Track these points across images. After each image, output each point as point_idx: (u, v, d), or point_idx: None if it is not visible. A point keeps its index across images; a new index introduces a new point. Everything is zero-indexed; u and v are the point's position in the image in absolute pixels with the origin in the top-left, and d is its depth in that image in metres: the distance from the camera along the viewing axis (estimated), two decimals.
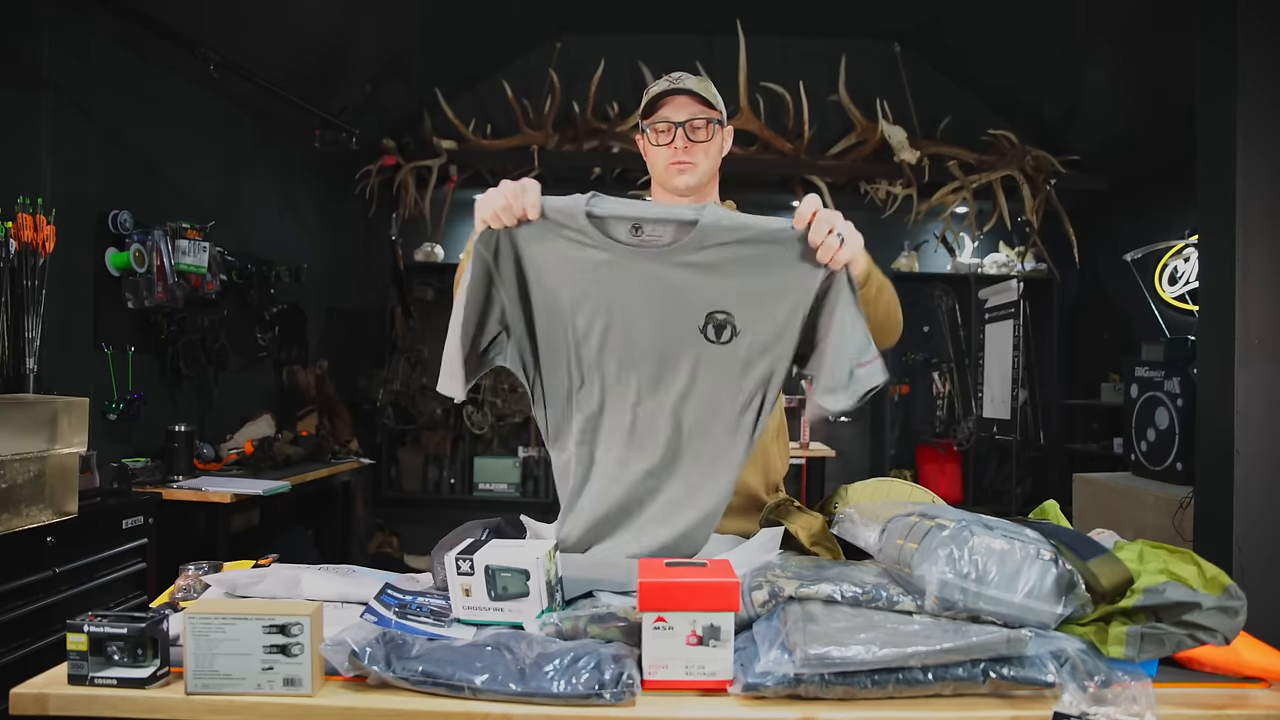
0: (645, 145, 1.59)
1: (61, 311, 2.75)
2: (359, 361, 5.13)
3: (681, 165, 1.53)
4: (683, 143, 1.52)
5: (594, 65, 4.71)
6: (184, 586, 1.29)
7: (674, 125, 1.51)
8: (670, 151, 1.53)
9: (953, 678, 0.97)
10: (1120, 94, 4.40)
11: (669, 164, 1.54)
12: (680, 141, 1.51)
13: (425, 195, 4.91)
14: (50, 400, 2.34)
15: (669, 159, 1.53)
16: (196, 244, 3.26)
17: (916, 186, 4.82)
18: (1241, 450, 2.55)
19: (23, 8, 2.67)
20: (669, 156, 1.53)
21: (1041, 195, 4.76)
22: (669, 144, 1.52)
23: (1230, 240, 2.61)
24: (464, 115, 4.89)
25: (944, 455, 5.30)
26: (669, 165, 1.54)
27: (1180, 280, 4.18)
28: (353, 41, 4.16)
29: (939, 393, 5.35)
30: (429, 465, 5.25)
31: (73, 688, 1.00)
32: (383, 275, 5.11)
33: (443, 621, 1.13)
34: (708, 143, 1.53)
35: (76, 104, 2.90)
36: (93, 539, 2.45)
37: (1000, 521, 1.06)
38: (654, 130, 1.54)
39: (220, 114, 3.79)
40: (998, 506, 5.01)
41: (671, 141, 1.52)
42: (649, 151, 1.58)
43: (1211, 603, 0.97)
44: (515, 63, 5.10)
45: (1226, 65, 2.64)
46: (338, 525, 4.24)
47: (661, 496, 1.25)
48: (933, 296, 5.39)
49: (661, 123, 1.52)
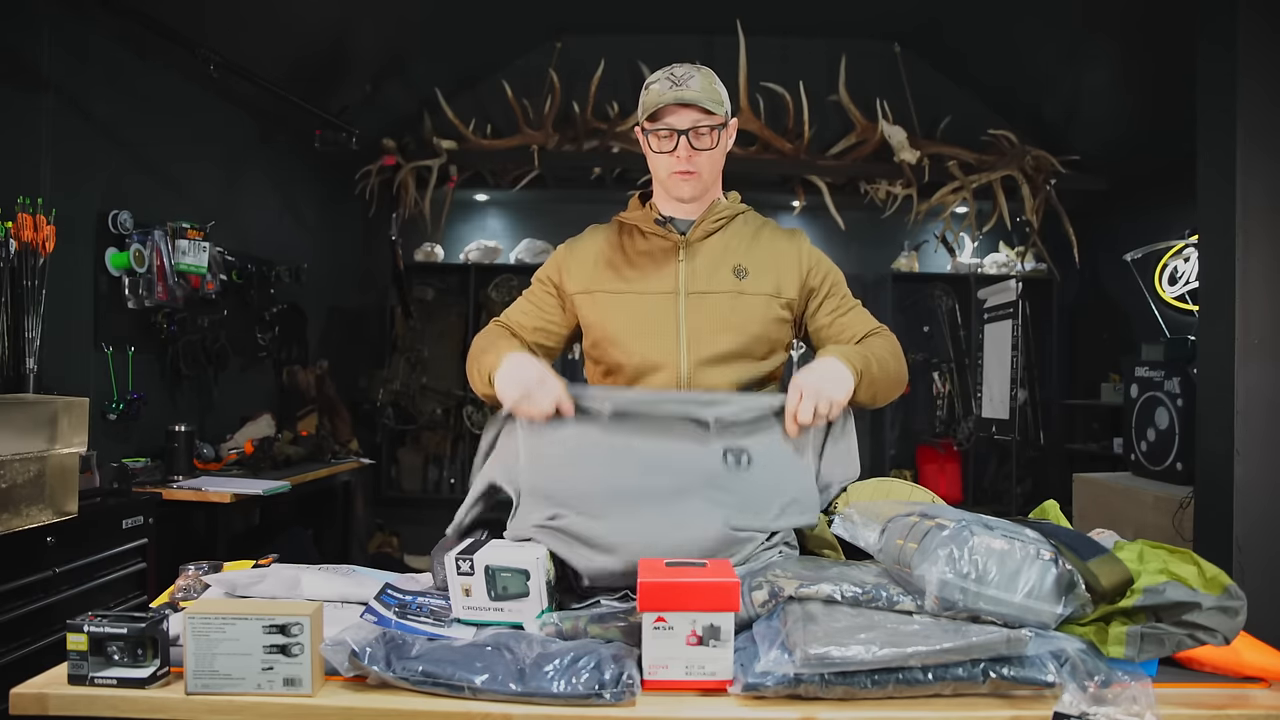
0: (645, 146, 1.56)
1: (61, 311, 2.75)
2: (359, 361, 5.13)
3: (685, 175, 1.51)
4: (686, 151, 1.49)
5: (594, 65, 4.71)
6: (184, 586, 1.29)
7: (677, 133, 1.48)
8: (673, 160, 1.50)
9: (953, 678, 0.97)
10: (1120, 94, 4.40)
11: (672, 173, 1.52)
12: (684, 150, 1.49)
13: (425, 195, 4.90)
14: (50, 400, 2.34)
15: (672, 168, 1.51)
16: (196, 244, 3.26)
17: (916, 186, 4.81)
18: (1241, 450, 2.55)
19: (23, 8, 2.67)
20: (672, 165, 1.51)
21: (1041, 195, 4.75)
22: (672, 151, 1.50)
23: (1230, 240, 2.61)
24: (464, 115, 4.89)
25: (944, 455, 5.30)
26: (672, 174, 1.52)
27: (1180, 280, 4.18)
28: (353, 41, 4.16)
29: (939, 393, 5.34)
30: (429, 465, 5.25)
31: (73, 688, 1.00)
32: (383, 275, 5.10)
33: (443, 621, 1.14)
34: (711, 150, 1.51)
35: (76, 104, 2.90)
36: (93, 539, 2.45)
37: (1000, 521, 1.06)
38: (656, 136, 1.51)
39: (220, 114, 3.79)
40: (998, 506, 5.01)
41: (674, 149, 1.49)
42: (651, 155, 1.55)
43: (1211, 603, 0.97)
44: (515, 63, 5.10)
45: (1227, 64, 2.64)
46: (338, 525, 4.24)
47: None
48: (932, 296, 5.38)
49: (664, 129, 1.49)
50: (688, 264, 1.53)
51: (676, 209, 1.58)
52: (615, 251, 1.58)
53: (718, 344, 1.49)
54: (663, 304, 1.51)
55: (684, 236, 1.55)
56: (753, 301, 1.52)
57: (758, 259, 1.55)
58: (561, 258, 1.62)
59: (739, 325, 1.50)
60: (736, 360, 1.50)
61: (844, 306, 1.60)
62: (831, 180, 4.87)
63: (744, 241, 1.57)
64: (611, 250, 1.58)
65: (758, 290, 1.52)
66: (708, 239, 1.56)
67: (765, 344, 1.54)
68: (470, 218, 5.50)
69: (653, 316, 1.50)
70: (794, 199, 5.08)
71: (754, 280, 1.53)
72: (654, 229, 1.56)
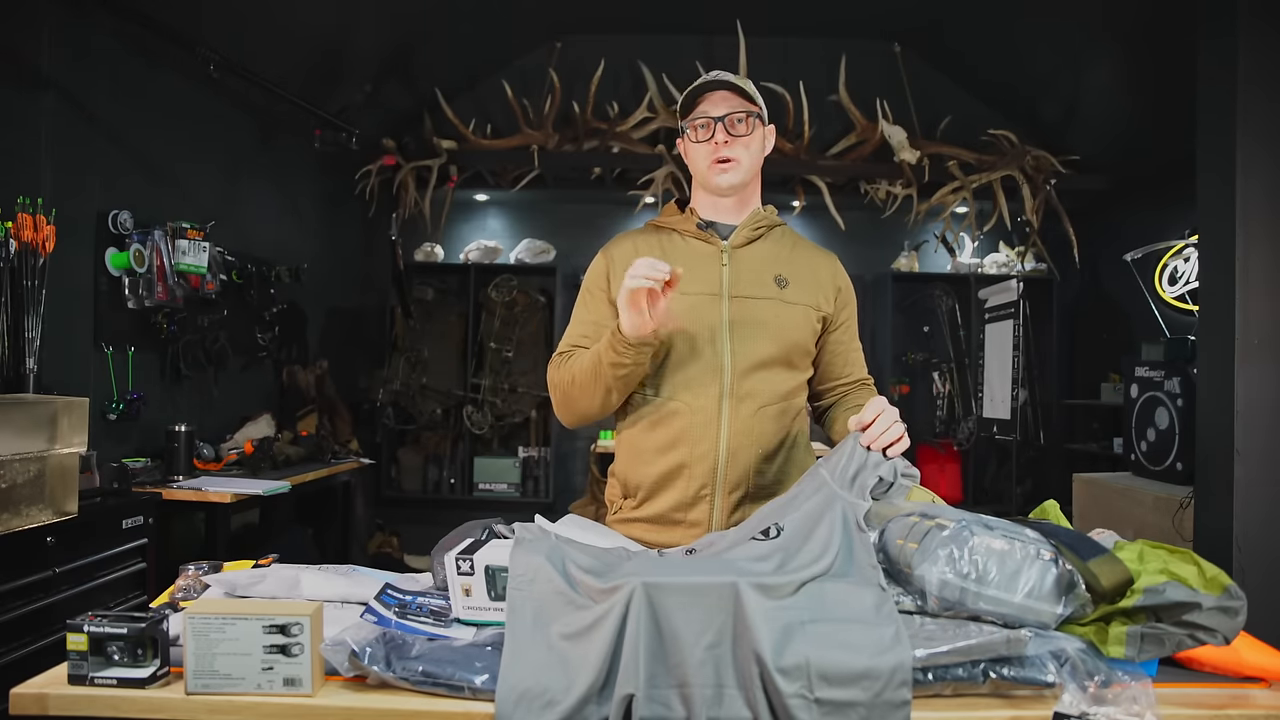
0: (685, 146, 1.57)
1: (61, 311, 2.74)
2: (359, 361, 5.13)
3: (723, 163, 1.51)
4: (723, 137, 1.50)
5: (594, 65, 4.71)
6: (184, 586, 1.29)
7: (713, 120, 1.49)
8: (711, 148, 1.51)
9: (953, 678, 0.97)
10: (1120, 94, 4.40)
11: (710, 162, 1.52)
12: (721, 135, 1.50)
13: (425, 195, 4.90)
14: (50, 400, 2.34)
15: (710, 156, 1.52)
16: (196, 244, 3.26)
17: (916, 186, 4.81)
18: (1241, 450, 2.55)
19: (23, 8, 2.67)
20: (710, 154, 1.52)
21: (1041, 195, 4.75)
22: (709, 139, 1.51)
23: (1230, 240, 2.60)
24: (464, 115, 4.89)
25: (944, 455, 5.30)
26: (710, 164, 1.52)
27: (1180, 280, 4.18)
28: (353, 41, 4.16)
29: (939, 393, 5.34)
30: (429, 465, 5.25)
31: (73, 688, 1.00)
32: (383, 275, 5.10)
33: (443, 621, 1.13)
34: (748, 137, 1.52)
35: (76, 104, 2.90)
36: (93, 539, 2.45)
37: (1000, 521, 1.06)
38: (693, 127, 1.52)
39: (220, 114, 3.79)
40: (998, 506, 5.01)
41: (711, 137, 1.50)
42: (690, 151, 1.56)
43: (1211, 603, 0.97)
44: (515, 63, 5.10)
45: (1227, 65, 2.63)
46: (338, 525, 4.24)
47: None
48: (933, 296, 5.38)
49: (701, 118, 1.51)
50: (731, 268, 1.54)
51: (717, 212, 1.59)
52: (654, 253, 1.56)
53: (760, 350, 1.49)
54: (706, 305, 1.51)
55: (726, 241, 1.56)
56: (793, 310, 1.53)
57: (798, 271, 1.57)
58: (603, 262, 1.59)
59: (780, 332, 1.51)
60: (776, 366, 1.51)
61: (853, 343, 1.65)
62: (831, 180, 4.87)
63: (784, 252, 1.59)
64: (650, 251, 1.57)
65: (798, 300, 1.54)
66: (749, 245, 1.57)
67: (802, 353, 1.55)
68: (470, 218, 5.51)
69: (696, 316, 1.50)
70: (794, 199, 5.08)
71: (794, 290, 1.54)
72: (695, 232, 1.57)
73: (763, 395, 1.49)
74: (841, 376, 1.63)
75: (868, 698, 0.92)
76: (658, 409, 1.51)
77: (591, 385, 1.45)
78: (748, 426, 1.48)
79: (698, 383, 1.48)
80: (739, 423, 1.48)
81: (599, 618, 0.99)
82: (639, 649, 0.95)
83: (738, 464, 1.48)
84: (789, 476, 1.52)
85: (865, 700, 0.92)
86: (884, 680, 0.92)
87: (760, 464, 1.49)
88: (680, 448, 1.48)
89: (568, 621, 1.01)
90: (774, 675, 0.92)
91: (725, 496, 1.48)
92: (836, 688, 0.92)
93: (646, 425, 1.52)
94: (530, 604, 1.05)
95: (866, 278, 5.34)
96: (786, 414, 1.53)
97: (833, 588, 1.05)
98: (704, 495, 1.49)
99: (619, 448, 1.60)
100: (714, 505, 1.49)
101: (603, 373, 1.43)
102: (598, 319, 1.56)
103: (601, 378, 1.43)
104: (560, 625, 1.01)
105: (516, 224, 5.50)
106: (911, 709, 0.93)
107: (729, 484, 1.48)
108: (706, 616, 0.98)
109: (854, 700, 0.92)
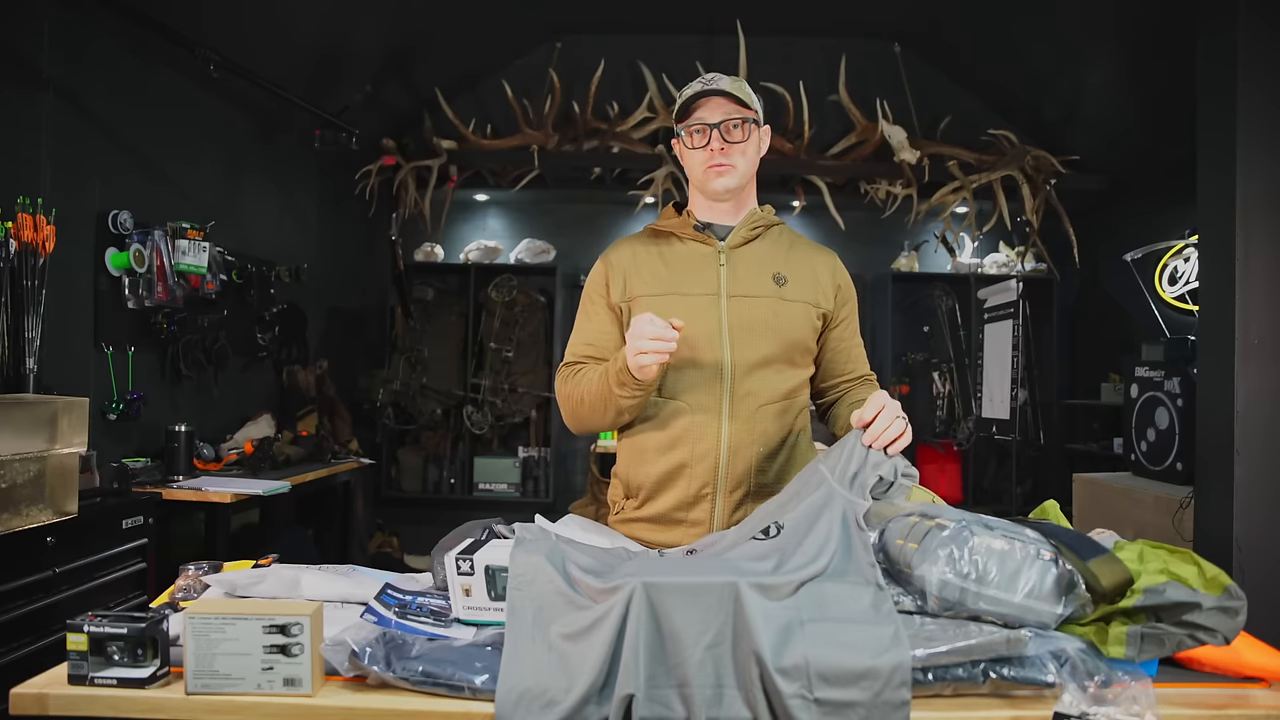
0: (682, 150, 1.58)
1: (61, 311, 2.75)
2: (359, 361, 5.13)
3: (719, 168, 1.52)
4: (719, 143, 1.51)
5: (594, 65, 4.71)
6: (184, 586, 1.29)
7: (709, 127, 1.50)
8: (707, 154, 1.52)
9: (953, 678, 0.97)
10: (1120, 94, 4.40)
11: (706, 167, 1.53)
12: (716, 143, 1.51)
13: (425, 195, 4.90)
14: (50, 400, 2.34)
15: (706, 162, 1.53)
16: (196, 244, 3.26)
17: (916, 186, 4.81)
18: (1241, 450, 2.55)
19: (22, 8, 2.67)
20: (706, 160, 1.53)
21: (1041, 195, 4.75)
22: (705, 146, 1.52)
23: (1230, 240, 2.61)
24: (464, 115, 4.89)
25: (944, 455, 5.30)
26: (706, 169, 1.53)
27: (1180, 280, 4.18)
28: (353, 41, 4.16)
29: (939, 393, 5.34)
30: (429, 465, 5.25)
31: (73, 688, 1.00)
32: (383, 275, 5.10)
33: (443, 621, 1.13)
34: (744, 143, 1.52)
35: (76, 104, 2.90)
36: (93, 539, 2.45)
37: (1000, 521, 1.06)
38: (689, 133, 1.54)
39: (220, 114, 3.79)
40: (998, 506, 5.01)
41: (708, 143, 1.51)
42: (686, 156, 1.57)
43: (1212, 603, 0.97)
44: (515, 63, 5.10)
45: (1227, 64, 2.64)
46: (338, 525, 4.24)
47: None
48: (932, 296, 5.38)
49: (697, 124, 1.52)
50: (729, 268, 1.54)
51: (713, 214, 1.59)
52: (653, 257, 1.58)
53: (760, 347, 1.50)
54: (705, 305, 1.52)
55: (723, 242, 1.57)
56: (793, 308, 1.54)
57: (796, 269, 1.57)
58: (602, 268, 1.61)
59: (780, 330, 1.52)
60: (777, 364, 1.52)
61: (854, 339, 1.65)
62: (831, 180, 4.87)
63: (782, 250, 1.60)
64: (648, 255, 1.58)
65: (797, 298, 1.55)
66: (747, 245, 1.58)
67: (803, 351, 1.56)
68: (470, 218, 5.50)
69: (695, 317, 1.50)
70: (794, 199, 5.08)
71: (793, 288, 1.55)
72: (693, 234, 1.57)
73: (764, 394, 1.50)
74: (844, 373, 1.64)
75: (867, 698, 0.92)
76: (659, 409, 1.51)
77: (602, 408, 1.47)
78: (749, 425, 1.48)
79: (699, 383, 1.49)
80: (740, 421, 1.48)
81: (599, 618, 0.99)
82: (639, 649, 0.95)
83: (739, 463, 1.48)
84: (791, 475, 1.52)
85: (865, 700, 0.92)
86: (884, 680, 0.92)
87: (762, 463, 1.49)
88: (681, 447, 1.49)
89: (568, 622, 1.01)
90: (774, 675, 0.92)
91: (727, 495, 1.49)
92: (836, 688, 0.92)
93: (648, 425, 1.53)
94: (530, 604, 1.05)
95: (866, 278, 5.34)
96: (788, 412, 1.54)
97: (833, 587, 1.05)
98: (705, 494, 1.49)
99: (621, 448, 1.61)
100: (716, 504, 1.49)
101: (612, 401, 1.44)
102: (600, 327, 1.58)
103: (612, 404, 1.45)
104: (560, 625, 1.01)
105: (516, 224, 5.50)
106: (911, 709, 0.93)
107: (731, 483, 1.48)
108: (706, 616, 0.98)
109: (854, 700, 0.92)
